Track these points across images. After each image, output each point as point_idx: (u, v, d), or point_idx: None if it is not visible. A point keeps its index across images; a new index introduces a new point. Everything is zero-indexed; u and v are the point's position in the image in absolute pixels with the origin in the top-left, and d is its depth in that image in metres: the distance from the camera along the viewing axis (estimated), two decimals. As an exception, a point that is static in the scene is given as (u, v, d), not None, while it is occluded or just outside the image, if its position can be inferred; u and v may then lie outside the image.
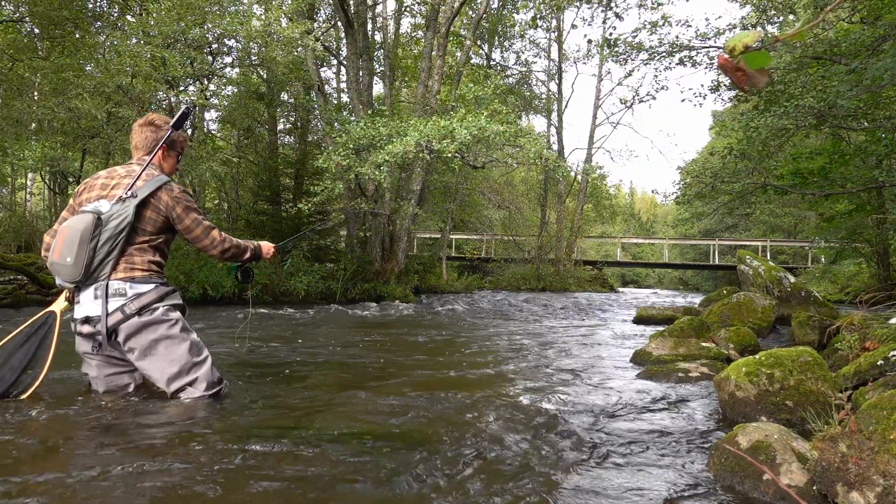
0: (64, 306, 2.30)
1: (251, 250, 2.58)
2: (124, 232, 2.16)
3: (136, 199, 2.20)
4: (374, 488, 1.47)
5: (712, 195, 10.40)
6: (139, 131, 2.43)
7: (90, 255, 2.12)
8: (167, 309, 2.25)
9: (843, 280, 13.86)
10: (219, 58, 10.72)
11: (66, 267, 2.11)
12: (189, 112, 2.46)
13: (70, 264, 2.10)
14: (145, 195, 2.22)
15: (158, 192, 2.26)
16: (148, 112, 8.48)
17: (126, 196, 2.20)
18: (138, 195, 2.21)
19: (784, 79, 7.88)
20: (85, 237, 2.10)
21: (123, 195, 2.20)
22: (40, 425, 1.91)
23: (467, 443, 1.85)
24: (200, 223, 2.36)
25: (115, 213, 2.16)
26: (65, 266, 2.11)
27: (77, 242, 2.10)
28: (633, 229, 45.66)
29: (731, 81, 1.11)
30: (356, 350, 4.10)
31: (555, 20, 19.39)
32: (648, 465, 1.74)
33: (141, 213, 2.22)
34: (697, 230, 27.84)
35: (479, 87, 10.22)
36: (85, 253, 2.11)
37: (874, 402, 1.47)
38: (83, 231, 2.10)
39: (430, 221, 18.56)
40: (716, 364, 3.31)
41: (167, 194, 2.28)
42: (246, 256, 2.55)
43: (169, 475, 1.50)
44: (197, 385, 2.25)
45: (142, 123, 2.44)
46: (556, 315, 8.31)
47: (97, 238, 2.13)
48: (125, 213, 2.17)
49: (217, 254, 2.43)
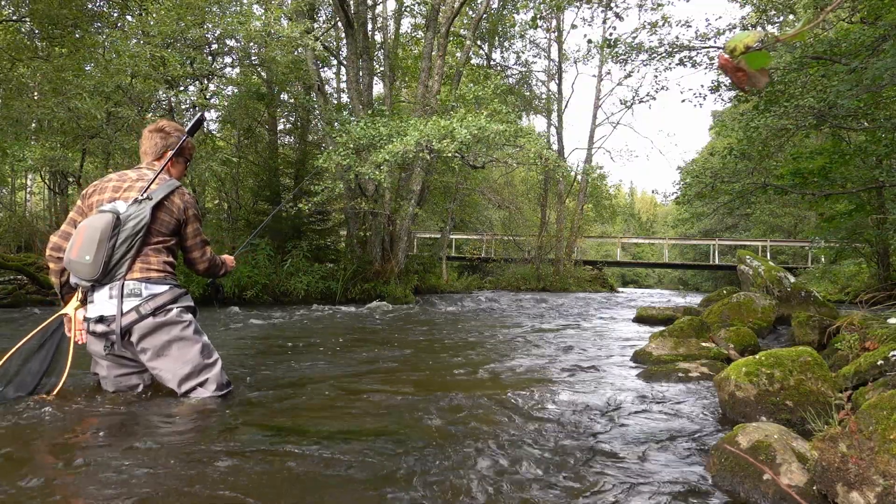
0: (77, 306, 2.31)
1: (223, 268, 2.66)
2: (142, 232, 2.19)
3: (151, 201, 2.23)
4: (374, 488, 1.47)
5: (712, 195, 10.40)
6: (149, 137, 2.48)
7: (108, 254, 2.14)
8: (181, 310, 2.27)
9: (843, 280, 13.86)
10: (219, 58, 10.73)
11: (85, 265, 2.13)
12: (203, 120, 2.54)
13: (89, 262, 2.12)
14: (160, 198, 2.26)
15: (172, 195, 2.31)
16: (147, 112, 8.47)
17: (142, 198, 2.23)
18: (153, 198, 2.24)
19: (784, 79, 7.88)
20: (104, 236, 2.13)
21: (139, 197, 2.23)
22: (49, 424, 1.92)
23: (466, 443, 1.85)
24: (200, 234, 2.45)
25: (133, 214, 2.19)
26: (83, 264, 2.13)
27: (97, 241, 2.12)
28: (633, 229, 45.68)
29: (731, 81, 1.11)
30: (356, 350, 4.10)
31: (555, 20, 19.39)
32: (648, 464, 1.74)
33: (156, 215, 2.25)
34: (697, 230, 27.83)
35: (479, 87, 10.21)
36: (104, 251, 2.13)
37: (874, 402, 1.47)
38: (103, 230, 2.13)
39: (430, 221, 18.56)
40: (716, 364, 3.31)
41: (180, 198, 2.34)
42: (220, 272, 2.63)
43: (173, 473, 1.50)
44: (207, 386, 2.26)
45: (151, 130, 2.49)
46: (556, 315, 8.31)
47: (116, 237, 2.16)
48: (142, 214, 2.20)
49: (202, 269, 2.52)
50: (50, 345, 2.28)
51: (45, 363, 2.24)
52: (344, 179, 9.51)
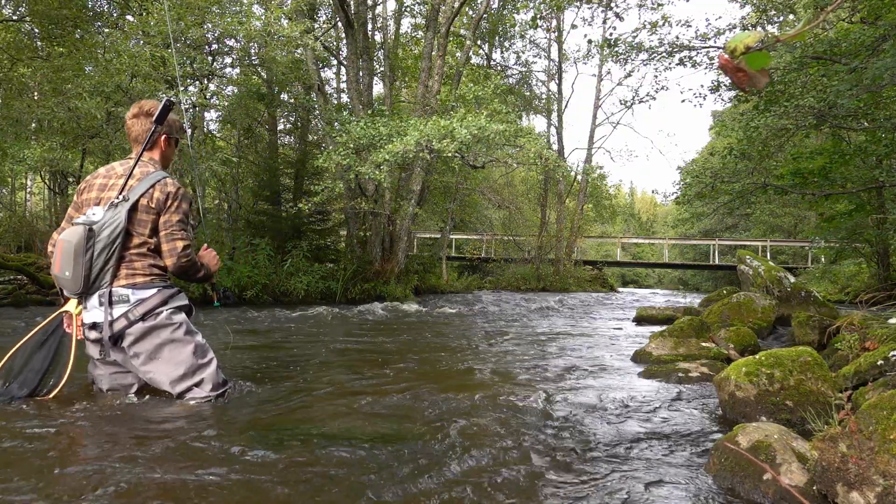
0: (75, 304, 2.30)
1: (203, 271, 2.39)
2: (119, 239, 2.15)
3: (127, 202, 2.18)
4: (374, 489, 1.47)
5: (712, 195, 10.40)
6: (137, 123, 2.35)
7: (87, 267, 2.12)
8: (171, 312, 2.25)
9: (843, 280, 13.86)
10: (219, 58, 10.72)
11: (67, 280, 2.14)
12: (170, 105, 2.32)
13: (69, 278, 2.12)
14: (136, 197, 2.19)
15: (152, 189, 2.22)
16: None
17: (118, 201, 2.18)
18: (130, 197, 2.19)
19: (784, 79, 7.89)
20: (79, 250, 2.11)
21: (116, 199, 2.19)
22: (44, 424, 1.91)
23: (466, 443, 1.85)
24: (172, 226, 2.24)
25: (107, 222, 2.15)
26: (65, 279, 2.14)
27: (72, 256, 2.10)
28: (633, 229, 45.65)
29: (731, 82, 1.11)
30: (356, 350, 4.10)
31: (555, 20, 19.38)
32: (648, 464, 1.74)
33: (133, 217, 2.19)
34: (697, 230, 27.82)
35: (479, 87, 10.21)
36: (81, 266, 2.11)
37: (874, 402, 1.47)
38: (76, 245, 2.10)
39: (430, 221, 18.56)
40: (716, 364, 3.31)
41: (161, 190, 2.23)
42: (197, 275, 2.36)
43: (170, 475, 1.50)
44: (203, 386, 2.25)
45: (136, 114, 2.35)
46: (556, 315, 8.31)
47: (91, 249, 2.13)
48: (117, 220, 2.15)
49: (170, 264, 2.26)
50: (51, 343, 2.27)
51: (47, 361, 2.23)
52: (344, 179, 9.51)
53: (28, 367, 2.21)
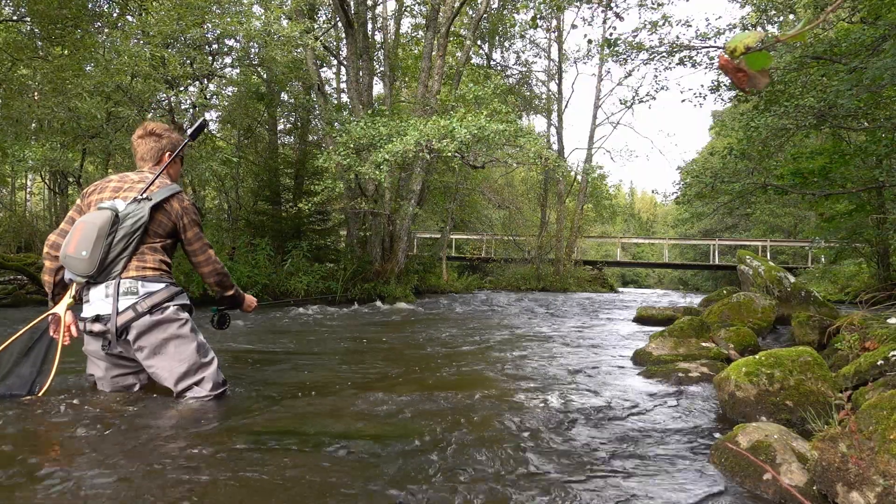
0: (69, 304, 2.30)
1: (236, 290, 2.63)
2: (139, 231, 2.20)
3: (150, 201, 2.24)
4: (373, 490, 1.47)
5: (712, 195, 10.39)
6: (143, 143, 2.47)
7: (105, 251, 2.14)
8: (177, 308, 2.27)
9: (843, 280, 13.85)
10: (219, 58, 10.72)
11: (81, 261, 2.12)
12: (205, 125, 2.56)
13: (85, 258, 2.12)
14: (159, 200, 2.27)
15: (171, 199, 2.31)
16: (148, 112, 8.44)
17: (141, 198, 2.24)
18: (153, 198, 2.26)
19: (784, 79, 7.89)
20: (102, 232, 2.13)
21: (139, 197, 2.24)
22: (44, 424, 1.91)
23: (466, 443, 1.85)
24: (201, 238, 2.42)
25: (132, 213, 2.20)
26: (80, 260, 2.12)
27: (94, 237, 2.12)
28: (633, 229, 45.69)
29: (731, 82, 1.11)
30: (356, 350, 4.10)
31: (555, 20, 19.38)
32: (648, 464, 1.74)
33: (154, 216, 2.26)
34: (697, 230, 27.84)
35: (479, 87, 10.20)
36: (101, 248, 2.13)
37: (874, 402, 1.47)
38: (101, 226, 2.13)
39: (430, 221, 18.57)
40: (716, 364, 3.30)
41: (178, 203, 2.33)
42: (230, 292, 2.59)
43: (169, 475, 1.50)
44: (203, 385, 2.26)
45: (142, 135, 2.47)
46: (556, 315, 8.31)
47: (114, 234, 2.16)
48: (141, 213, 2.20)
49: (208, 271, 2.46)
50: (42, 343, 2.28)
51: (38, 361, 2.25)
52: (344, 179, 9.51)
53: (17, 371, 2.22)
